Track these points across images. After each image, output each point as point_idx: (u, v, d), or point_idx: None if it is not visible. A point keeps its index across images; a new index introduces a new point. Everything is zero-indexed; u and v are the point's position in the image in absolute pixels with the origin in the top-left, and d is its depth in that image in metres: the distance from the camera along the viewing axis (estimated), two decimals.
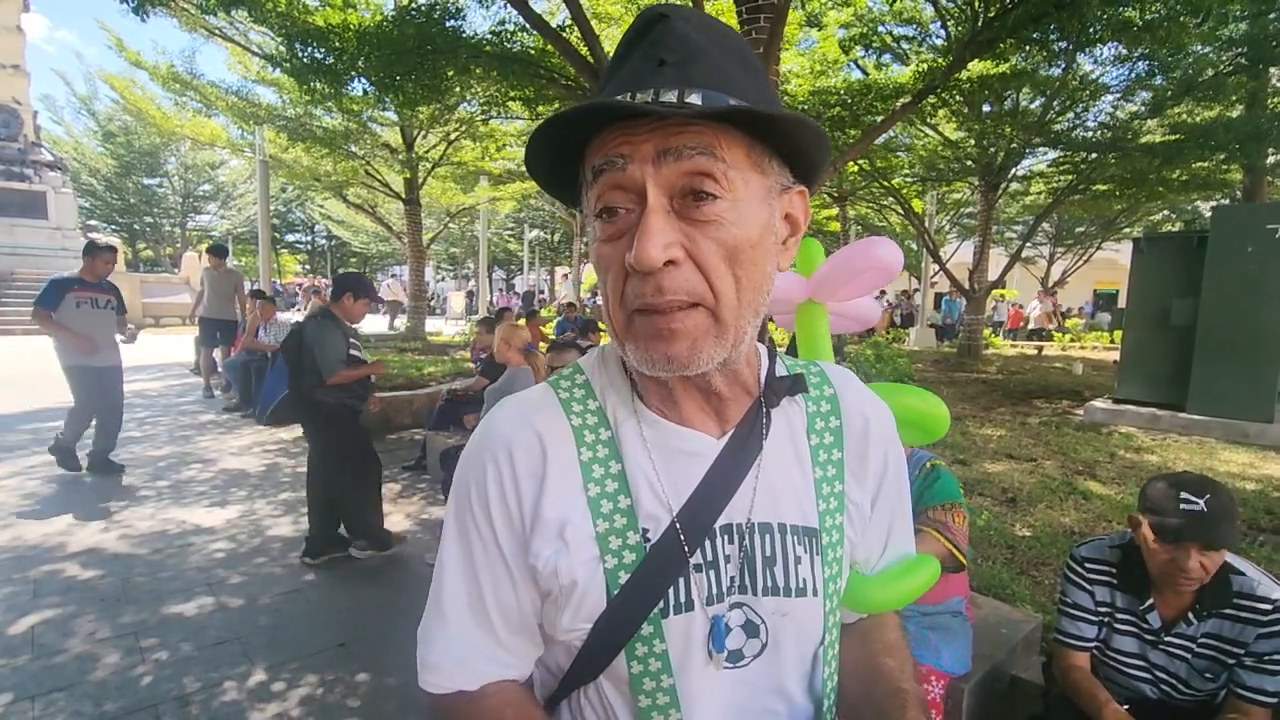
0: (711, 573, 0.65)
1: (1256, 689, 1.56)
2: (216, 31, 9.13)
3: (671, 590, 0.63)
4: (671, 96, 0.53)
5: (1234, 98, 10.44)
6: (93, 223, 27.69)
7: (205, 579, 3.53)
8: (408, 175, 12.54)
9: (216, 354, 8.91)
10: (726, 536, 0.65)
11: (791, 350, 2.02)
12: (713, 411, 0.67)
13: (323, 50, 6.70)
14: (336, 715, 2.46)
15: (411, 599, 3.35)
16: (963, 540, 1.99)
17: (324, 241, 39.26)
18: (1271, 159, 11.00)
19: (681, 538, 0.63)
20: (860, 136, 7.66)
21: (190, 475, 5.34)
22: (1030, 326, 20.40)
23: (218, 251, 8.85)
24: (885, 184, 12.92)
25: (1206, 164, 11.22)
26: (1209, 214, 8.87)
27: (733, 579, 0.65)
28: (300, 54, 6.81)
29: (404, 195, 13.00)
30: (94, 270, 5.29)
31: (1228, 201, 13.14)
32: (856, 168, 12.25)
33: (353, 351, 3.70)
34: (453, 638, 0.67)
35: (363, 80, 7.22)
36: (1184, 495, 1.55)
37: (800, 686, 0.70)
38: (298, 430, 6.86)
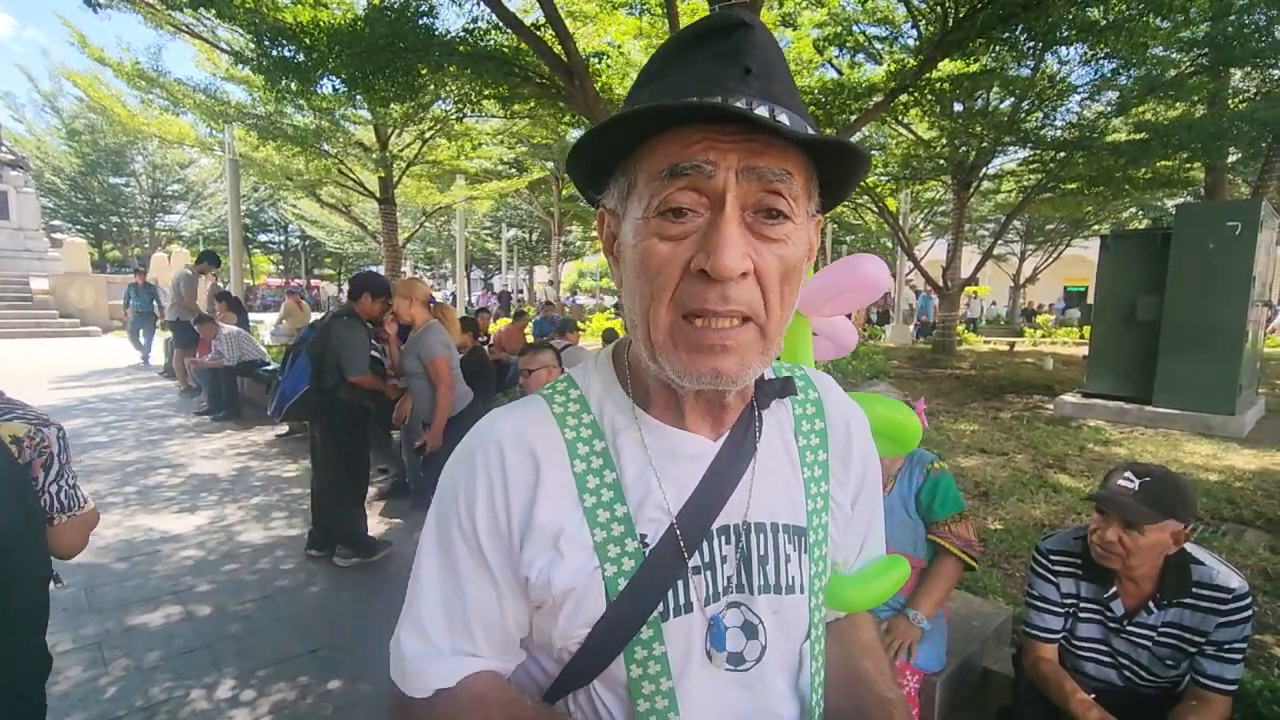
0: (709, 573, 0.65)
1: (1216, 677, 1.59)
2: (183, 28, 8.92)
3: (671, 593, 0.64)
4: (764, 111, 0.53)
5: (1196, 98, 10.70)
6: (57, 223, 27.00)
7: (173, 587, 3.45)
8: (382, 174, 12.37)
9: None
10: (724, 537, 0.66)
11: None
12: (711, 416, 0.68)
13: (293, 48, 6.59)
14: None
15: (386, 604, 3.31)
16: (975, 548, 2.13)
17: (298, 241, 38.65)
18: (1232, 158, 11.29)
19: (681, 541, 0.64)
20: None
21: (159, 481, 5.22)
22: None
23: (212, 260, 8.83)
24: (860, 183, 13.03)
25: (1170, 162, 11.49)
26: (1174, 211, 9.09)
27: (729, 579, 0.66)
28: (269, 52, 6.68)
29: (379, 194, 12.81)
30: None
31: (1191, 199, 13.47)
32: None
33: (374, 353, 3.84)
34: (429, 650, 0.66)
35: (333, 79, 7.11)
36: (1126, 474, 1.63)
37: (789, 684, 0.71)
38: (270, 433, 6.75)
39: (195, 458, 5.89)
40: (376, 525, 4.33)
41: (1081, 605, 1.76)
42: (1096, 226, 19.37)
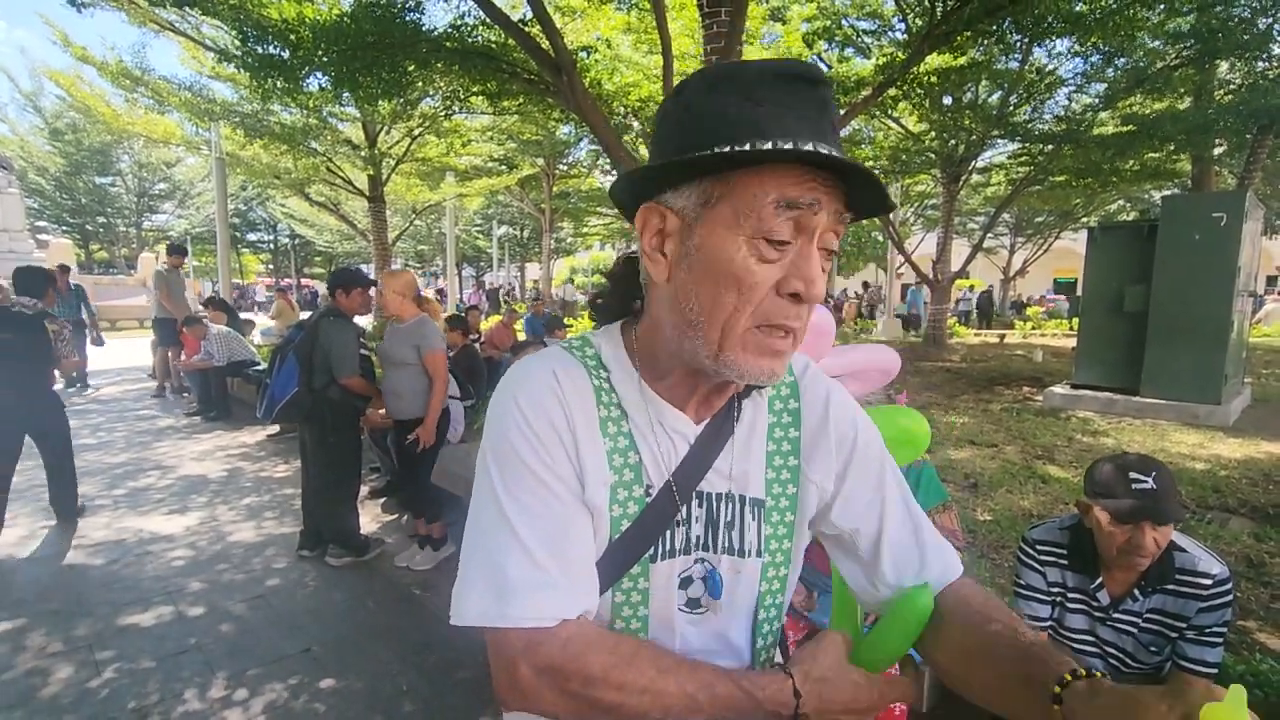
0: (685, 529, 0.75)
1: (1198, 660, 1.62)
2: (167, 26, 8.83)
3: (660, 539, 0.74)
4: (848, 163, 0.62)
5: (1182, 90, 10.78)
6: (42, 224, 26.70)
7: (164, 588, 3.44)
8: (371, 172, 12.28)
9: (172, 357, 8.71)
10: (697, 500, 0.76)
11: None
12: (708, 403, 0.76)
13: (278, 45, 6.53)
14: None
15: (379, 603, 3.31)
16: (959, 537, 2.16)
17: (287, 240, 38.39)
18: (1218, 149, 11.37)
19: (676, 497, 0.74)
20: None
21: (148, 482, 5.20)
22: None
23: (178, 251, 8.68)
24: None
25: (1157, 155, 11.57)
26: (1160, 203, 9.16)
27: (698, 537, 0.76)
28: (255, 49, 6.62)
29: (368, 192, 12.74)
30: None
31: (1177, 191, 13.57)
32: None
33: (362, 351, 3.81)
34: (544, 579, 0.66)
35: (320, 76, 7.06)
36: (1134, 475, 1.59)
37: (743, 635, 0.80)
38: (261, 434, 6.72)
39: (185, 459, 5.86)
40: (369, 524, 4.32)
41: (1068, 596, 1.78)
42: (1085, 219, 19.47)
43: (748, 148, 0.60)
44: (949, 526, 2.17)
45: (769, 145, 0.59)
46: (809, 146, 0.59)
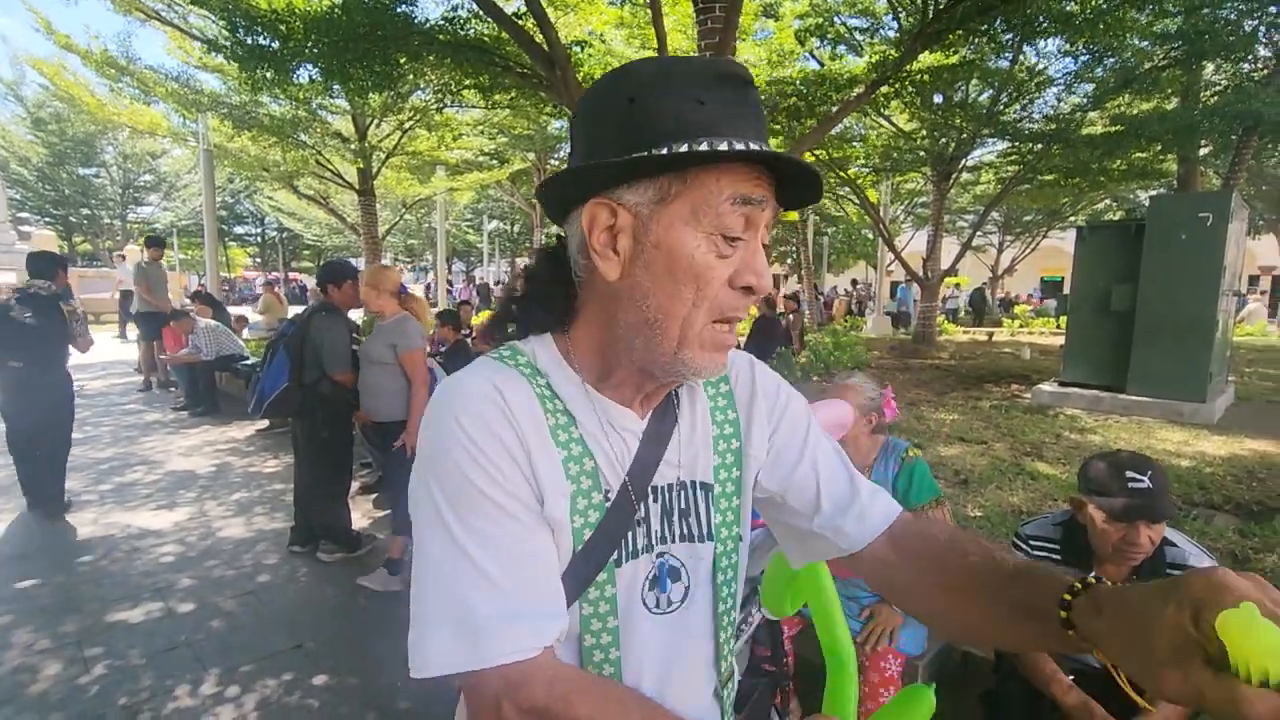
0: (643, 527, 0.74)
1: None
2: (153, 14, 8.71)
3: (623, 542, 0.72)
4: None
5: (1169, 91, 10.88)
6: (24, 215, 26.30)
7: (153, 584, 3.41)
8: (361, 165, 12.20)
9: (157, 350, 8.64)
10: (652, 495, 0.74)
11: None
12: (653, 398, 0.75)
13: (268, 36, 6.46)
14: (295, 718, 2.41)
15: (371, 598, 3.29)
16: None
17: (275, 234, 38.03)
18: (1203, 150, 11.50)
19: (633, 496, 0.72)
20: (816, 126, 7.76)
21: (136, 478, 5.15)
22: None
23: (157, 243, 8.62)
24: (841, 174, 13.11)
25: (1144, 154, 11.69)
26: (1147, 203, 9.25)
27: (657, 532, 0.75)
28: (244, 39, 6.55)
29: (357, 186, 12.65)
30: None
31: (1164, 191, 13.72)
32: (813, 158, 12.37)
33: (355, 347, 3.72)
34: (509, 611, 0.61)
35: (310, 67, 6.99)
36: (1129, 474, 1.60)
37: (707, 628, 0.80)
38: (250, 428, 6.67)
39: (173, 454, 5.80)
40: (360, 520, 4.30)
41: None
42: (1073, 218, 19.66)
43: (705, 146, 0.60)
44: (942, 521, 2.18)
45: (725, 144, 0.61)
46: (757, 146, 0.62)
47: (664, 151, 0.61)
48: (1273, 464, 5.04)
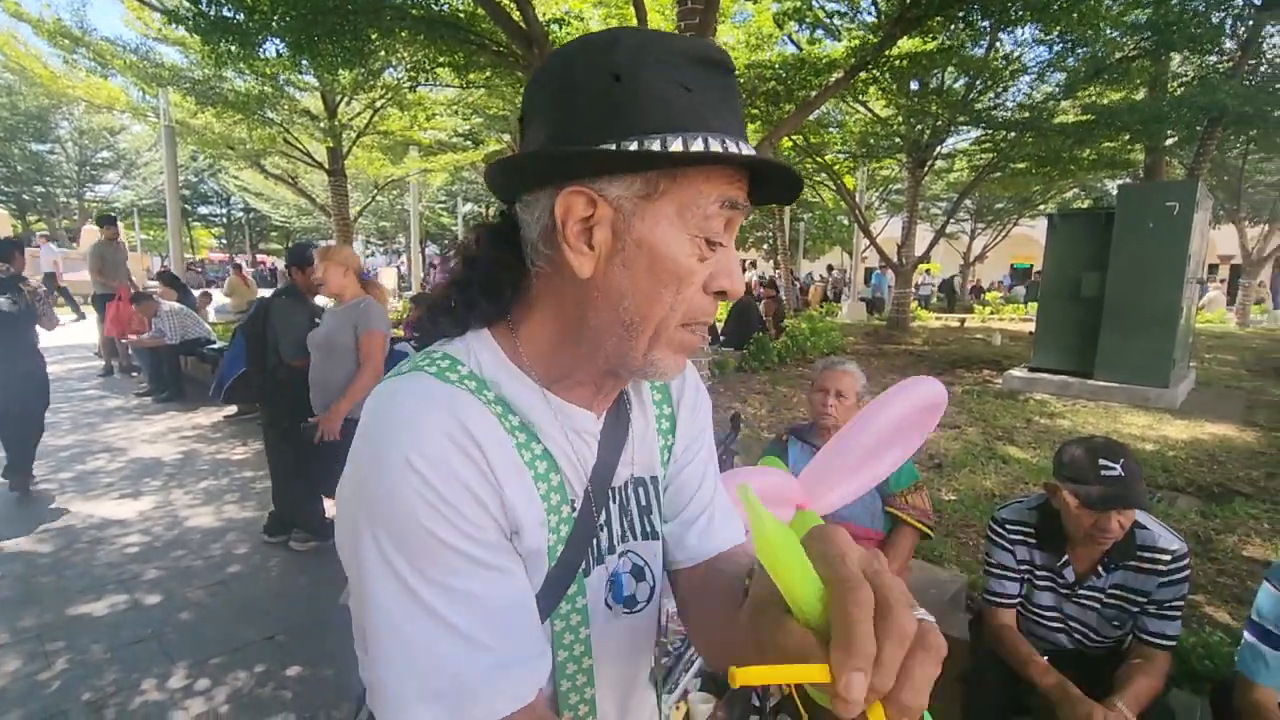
0: (604, 531, 0.72)
1: (1158, 634, 1.68)
2: None
3: (588, 548, 0.70)
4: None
5: (1138, 81, 11.06)
6: None
7: (118, 575, 3.31)
8: (331, 144, 11.87)
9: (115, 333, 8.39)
10: (611, 496, 0.73)
11: None
12: (608, 398, 0.73)
13: (232, 7, 6.21)
14: (268, 710, 2.36)
15: (343, 587, 3.23)
16: (930, 515, 2.22)
17: (241, 214, 37.03)
18: (1170, 140, 11.73)
19: (593, 503, 0.70)
20: (794, 111, 7.72)
21: (98, 465, 4.99)
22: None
23: (109, 222, 8.39)
24: (818, 160, 13.13)
25: (1113, 144, 11.88)
26: (1115, 192, 9.42)
27: (618, 533, 0.74)
28: (206, 11, 6.29)
29: (327, 165, 12.32)
30: None
31: (1131, 180, 13.99)
32: (791, 143, 12.38)
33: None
34: (498, 649, 0.58)
35: (277, 41, 6.76)
36: (1103, 462, 1.63)
37: (652, 623, 0.81)
38: (218, 414, 6.51)
39: (137, 441, 5.64)
40: (333, 506, 4.23)
41: (1036, 573, 1.83)
42: (1043, 206, 19.97)
43: (699, 143, 0.56)
44: (920, 505, 2.21)
45: (718, 143, 0.57)
46: (748, 147, 0.60)
47: (656, 146, 0.55)
48: (1231, 447, 5.21)
